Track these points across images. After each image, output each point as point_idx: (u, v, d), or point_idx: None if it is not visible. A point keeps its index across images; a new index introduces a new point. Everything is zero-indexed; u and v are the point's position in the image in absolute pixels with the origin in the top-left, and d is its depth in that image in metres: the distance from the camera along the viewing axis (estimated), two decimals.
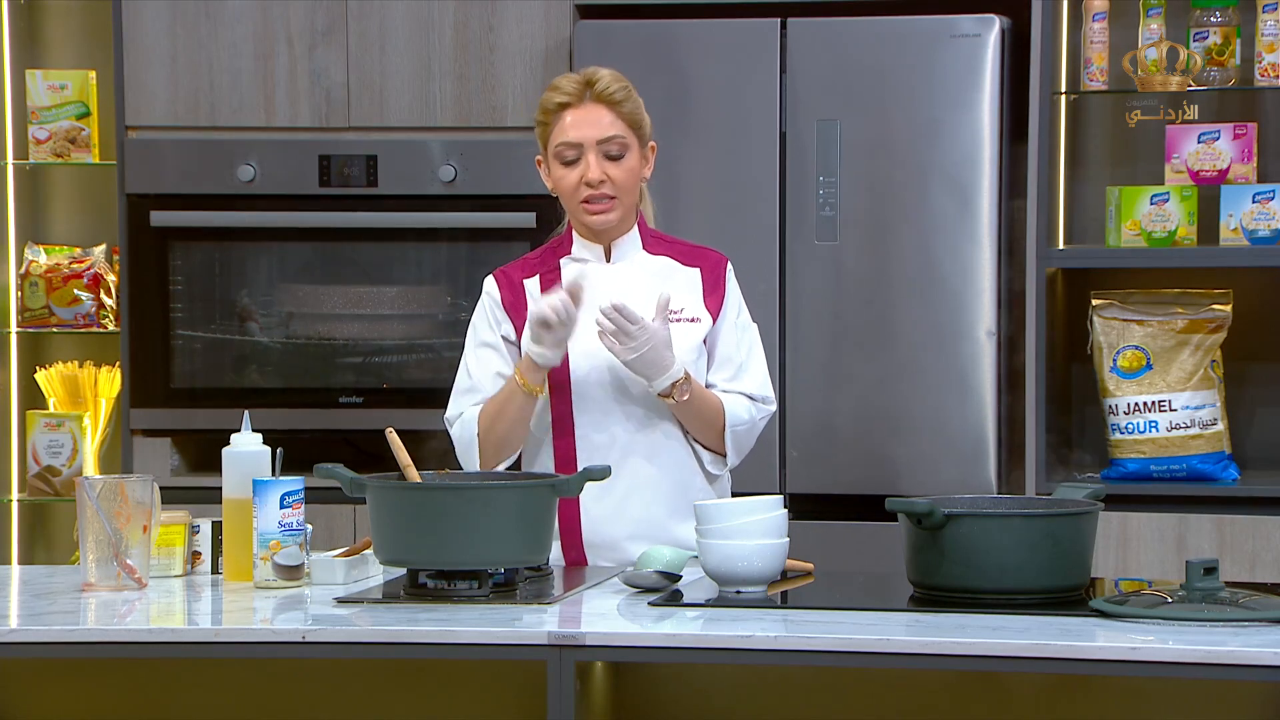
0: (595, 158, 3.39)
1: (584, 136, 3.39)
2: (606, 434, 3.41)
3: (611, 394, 3.41)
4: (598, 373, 3.40)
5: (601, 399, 3.41)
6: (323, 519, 4.18)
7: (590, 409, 3.41)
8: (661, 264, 3.49)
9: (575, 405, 3.40)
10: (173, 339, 4.89)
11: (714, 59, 4.69)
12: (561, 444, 3.41)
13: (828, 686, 3.07)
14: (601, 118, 3.40)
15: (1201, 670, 2.76)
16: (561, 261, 3.47)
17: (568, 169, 3.41)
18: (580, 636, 2.90)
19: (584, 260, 3.46)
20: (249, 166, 4.86)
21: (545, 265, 3.48)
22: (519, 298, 3.45)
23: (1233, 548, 4.52)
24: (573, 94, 3.40)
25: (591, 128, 3.40)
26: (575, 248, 3.48)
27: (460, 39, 4.83)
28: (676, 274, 3.48)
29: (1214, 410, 4.70)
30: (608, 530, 3.41)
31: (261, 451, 3.32)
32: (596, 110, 3.40)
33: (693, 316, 3.46)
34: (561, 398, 3.39)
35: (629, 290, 3.43)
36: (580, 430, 3.39)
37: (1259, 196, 4.63)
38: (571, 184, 3.41)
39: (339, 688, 3.18)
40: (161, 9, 4.87)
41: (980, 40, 4.60)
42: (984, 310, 4.62)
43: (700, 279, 3.49)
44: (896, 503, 3.12)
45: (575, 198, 3.42)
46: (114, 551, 3.24)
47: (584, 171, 3.39)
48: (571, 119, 3.40)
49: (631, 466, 3.40)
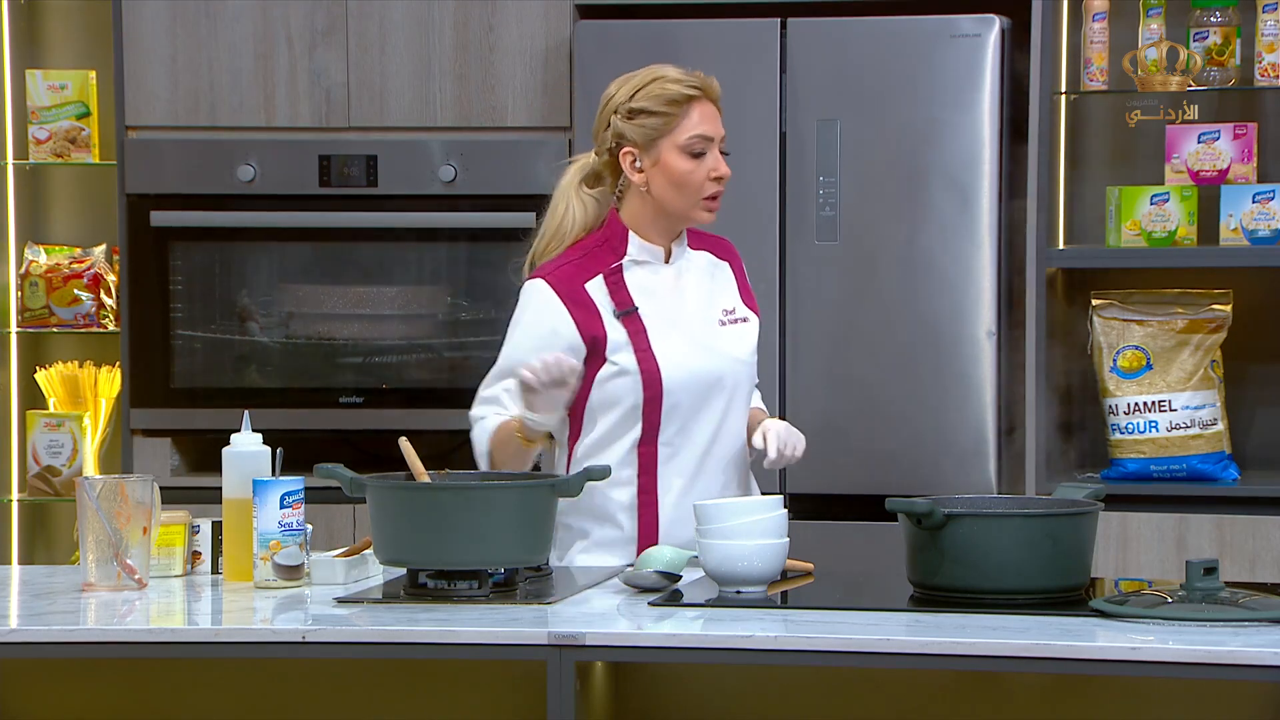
0: (719, 155, 3.40)
1: (715, 132, 3.40)
2: (689, 439, 3.41)
3: (698, 401, 3.41)
4: (685, 380, 3.40)
5: (687, 407, 3.40)
6: (323, 519, 4.18)
7: (675, 417, 3.40)
8: (705, 259, 3.51)
9: (665, 414, 3.39)
10: (173, 339, 4.89)
11: (714, 59, 4.68)
12: (645, 450, 3.40)
13: (828, 686, 3.07)
14: (718, 117, 3.42)
15: (1202, 670, 2.76)
16: (624, 263, 3.42)
17: (696, 162, 3.38)
18: (580, 636, 2.89)
19: (645, 261, 3.44)
20: (249, 166, 4.86)
21: (601, 266, 3.42)
22: (586, 304, 3.40)
23: (1233, 548, 4.52)
24: (697, 88, 3.40)
25: (718, 125, 3.41)
26: (633, 249, 3.43)
27: (460, 39, 4.83)
28: (718, 270, 3.51)
29: (1214, 410, 4.70)
30: (679, 533, 3.41)
31: (261, 451, 3.32)
32: (714, 109, 3.42)
33: (743, 316, 3.49)
34: (653, 407, 3.38)
35: (690, 291, 3.44)
36: (664, 435, 3.40)
37: (1259, 196, 4.63)
38: (700, 178, 3.39)
39: (339, 688, 3.18)
40: (161, 9, 4.87)
41: (980, 40, 4.60)
42: (984, 310, 4.62)
43: (732, 273, 3.52)
44: (896, 503, 3.12)
45: (700, 191, 3.39)
46: (114, 551, 3.24)
47: (714, 166, 3.39)
48: (700, 114, 3.39)
49: (708, 471, 3.42)
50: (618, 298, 3.39)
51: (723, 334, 3.45)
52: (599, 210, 3.46)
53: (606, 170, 3.45)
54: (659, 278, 3.43)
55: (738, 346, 3.45)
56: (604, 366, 3.37)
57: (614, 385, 3.38)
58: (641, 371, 3.37)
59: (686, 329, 3.42)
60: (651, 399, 3.38)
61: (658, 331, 3.39)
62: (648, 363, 3.37)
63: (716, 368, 3.41)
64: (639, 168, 3.39)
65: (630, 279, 3.41)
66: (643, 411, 3.38)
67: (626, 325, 3.38)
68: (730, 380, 3.42)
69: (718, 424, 3.42)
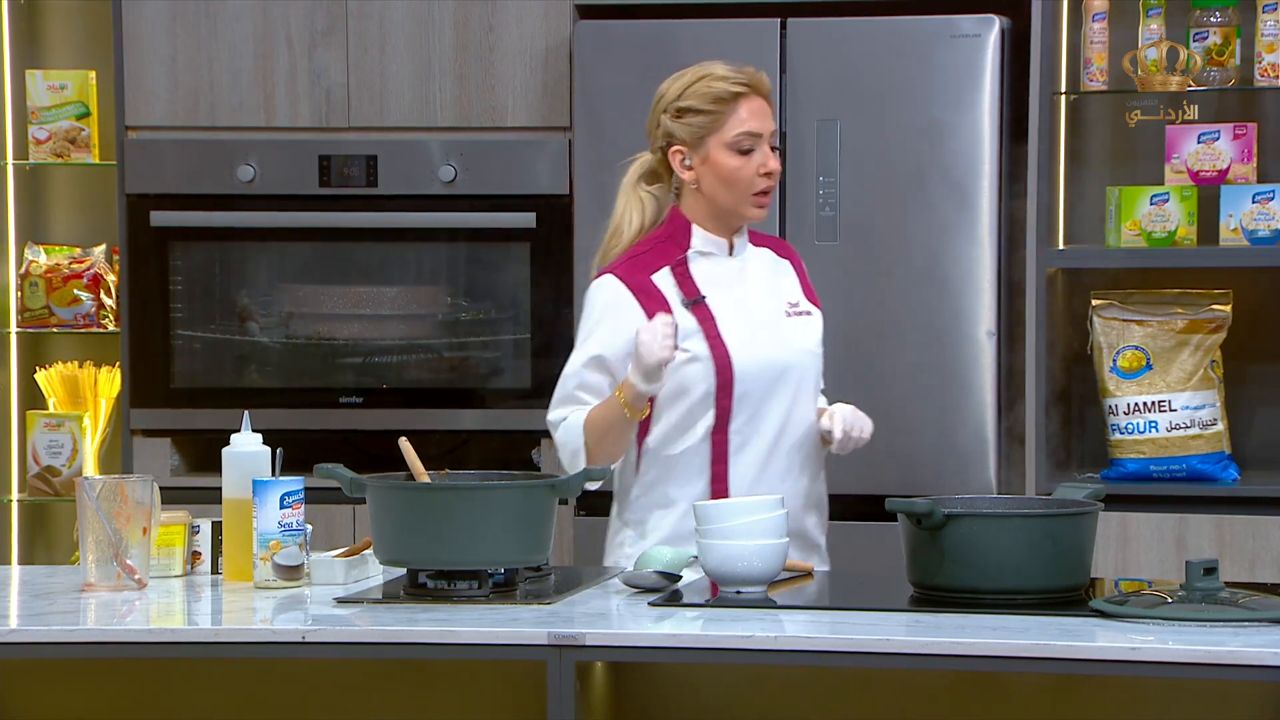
0: (769, 150, 3.40)
1: (763, 128, 3.41)
2: (758, 428, 3.42)
3: (767, 389, 3.42)
4: (758, 369, 3.41)
5: (759, 394, 3.41)
6: (322, 519, 4.18)
7: (745, 405, 3.41)
8: (767, 255, 3.52)
9: (735, 401, 3.40)
10: (173, 339, 4.89)
11: (714, 59, 4.68)
12: (718, 438, 3.41)
13: (828, 687, 3.07)
14: (767, 111, 3.43)
15: (1201, 670, 2.76)
16: (689, 255, 3.44)
17: (744, 159, 3.40)
18: (580, 637, 2.89)
19: (709, 253, 3.45)
20: (249, 166, 4.86)
21: (667, 259, 3.43)
22: (654, 295, 3.41)
23: (1232, 548, 4.52)
24: (744, 85, 3.40)
25: (767, 120, 3.42)
26: (697, 240, 3.44)
27: (460, 39, 4.83)
28: (779, 265, 3.53)
29: (1214, 410, 4.70)
30: None
31: (261, 452, 3.32)
32: (763, 104, 3.43)
33: (807, 310, 3.51)
34: (725, 393, 3.39)
35: (754, 282, 3.46)
36: (734, 424, 3.40)
37: (1259, 197, 4.63)
38: (750, 174, 3.40)
39: (339, 688, 3.17)
40: (161, 9, 4.87)
41: (980, 40, 4.60)
42: (984, 310, 4.62)
43: (793, 270, 3.54)
44: (896, 503, 3.12)
45: (750, 187, 3.40)
46: (114, 552, 3.24)
47: (762, 162, 3.40)
48: (748, 110, 3.40)
49: (777, 460, 3.43)
50: (685, 288, 3.42)
51: (789, 324, 3.47)
52: (657, 207, 3.48)
53: (661, 167, 3.48)
54: (724, 269, 3.45)
55: (804, 337, 3.47)
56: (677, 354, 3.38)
57: (686, 372, 3.39)
58: (714, 357, 3.38)
59: (754, 318, 3.44)
60: (723, 385, 3.39)
61: (726, 320, 3.41)
62: (719, 349, 3.39)
63: (784, 357, 3.43)
64: (688, 166, 3.43)
65: (696, 270, 3.43)
66: (715, 398, 3.39)
67: (696, 314, 3.41)
68: (798, 370, 3.44)
69: (786, 413, 3.43)
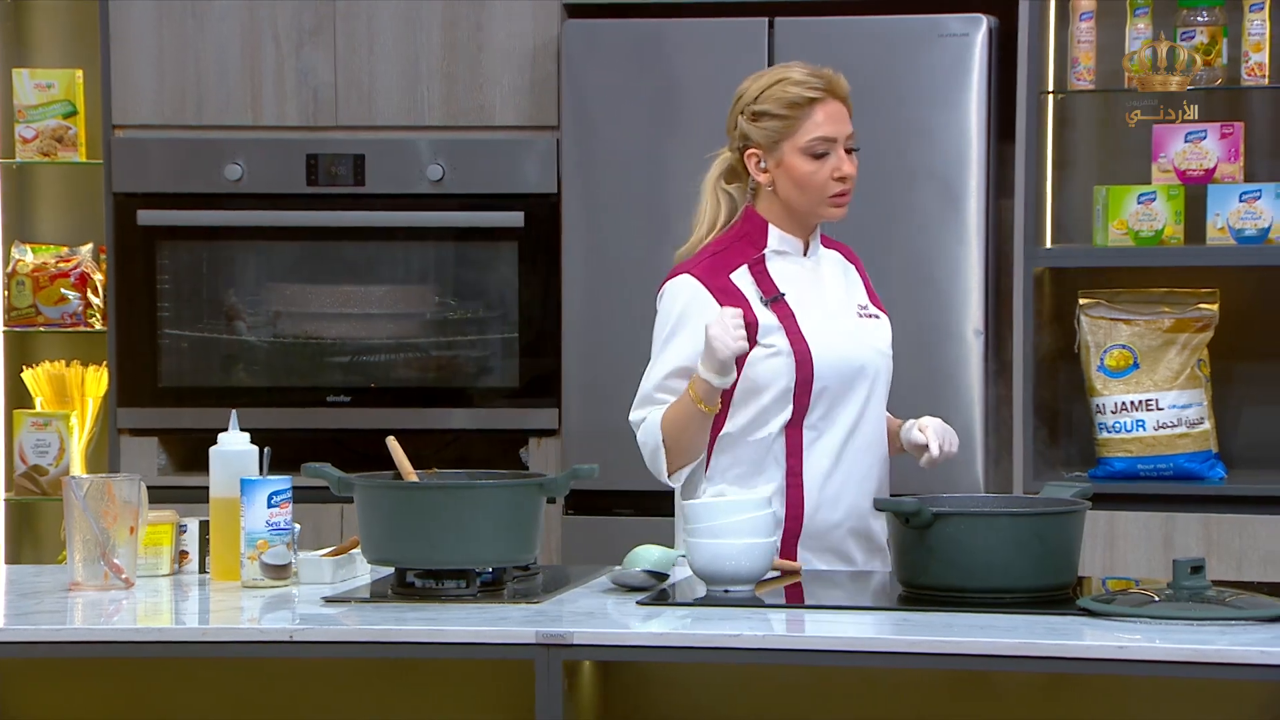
0: (844, 153, 3.41)
1: (838, 132, 3.42)
2: (833, 425, 3.43)
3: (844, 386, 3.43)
4: (834, 364, 3.42)
5: (836, 391, 3.43)
6: (310, 518, 4.18)
7: (821, 401, 3.42)
8: (836, 258, 3.54)
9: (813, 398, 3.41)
10: (160, 338, 4.89)
11: (702, 58, 4.69)
12: (793, 433, 3.42)
13: (816, 686, 3.07)
14: (844, 115, 3.44)
15: (1189, 669, 2.76)
16: (766, 254, 3.45)
17: (818, 163, 3.41)
18: (568, 635, 2.89)
19: (785, 253, 3.46)
20: (236, 165, 4.85)
21: (744, 258, 3.45)
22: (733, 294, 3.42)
23: (1219, 546, 4.53)
24: (820, 89, 3.41)
25: (843, 124, 3.43)
26: (774, 240, 3.46)
27: (448, 38, 4.83)
28: (849, 269, 3.55)
29: (1201, 409, 4.70)
30: (825, 517, 3.43)
31: (249, 451, 3.32)
32: (840, 108, 3.44)
33: (875, 314, 3.52)
34: (804, 389, 3.40)
35: (829, 282, 3.48)
36: (809, 420, 3.41)
37: (1245, 196, 4.64)
38: (823, 178, 3.42)
39: (327, 687, 3.17)
40: (148, 8, 4.87)
41: (968, 40, 4.60)
42: (972, 309, 4.62)
43: (859, 276, 3.56)
44: (884, 502, 3.12)
45: (825, 191, 3.43)
46: (101, 551, 3.23)
47: (836, 166, 3.41)
48: (824, 114, 3.42)
49: (849, 457, 3.44)
50: (764, 285, 3.43)
51: (864, 325, 3.49)
52: (732, 205, 3.50)
53: (739, 166, 3.49)
54: (800, 268, 3.47)
55: (877, 338, 3.50)
56: (755, 350, 3.39)
57: (767, 367, 3.40)
58: (794, 353, 3.39)
59: (831, 316, 3.46)
60: (803, 380, 3.40)
61: (805, 317, 3.43)
62: (799, 345, 3.40)
63: (860, 355, 3.45)
64: (764, 168, 3.44)
65: (773, 269, 3.45)
66: (794, 394, 3.40)
67: (775, 311, 3.42)
68: (872, 369, 3.46)
69: (860, 411, 3.44)
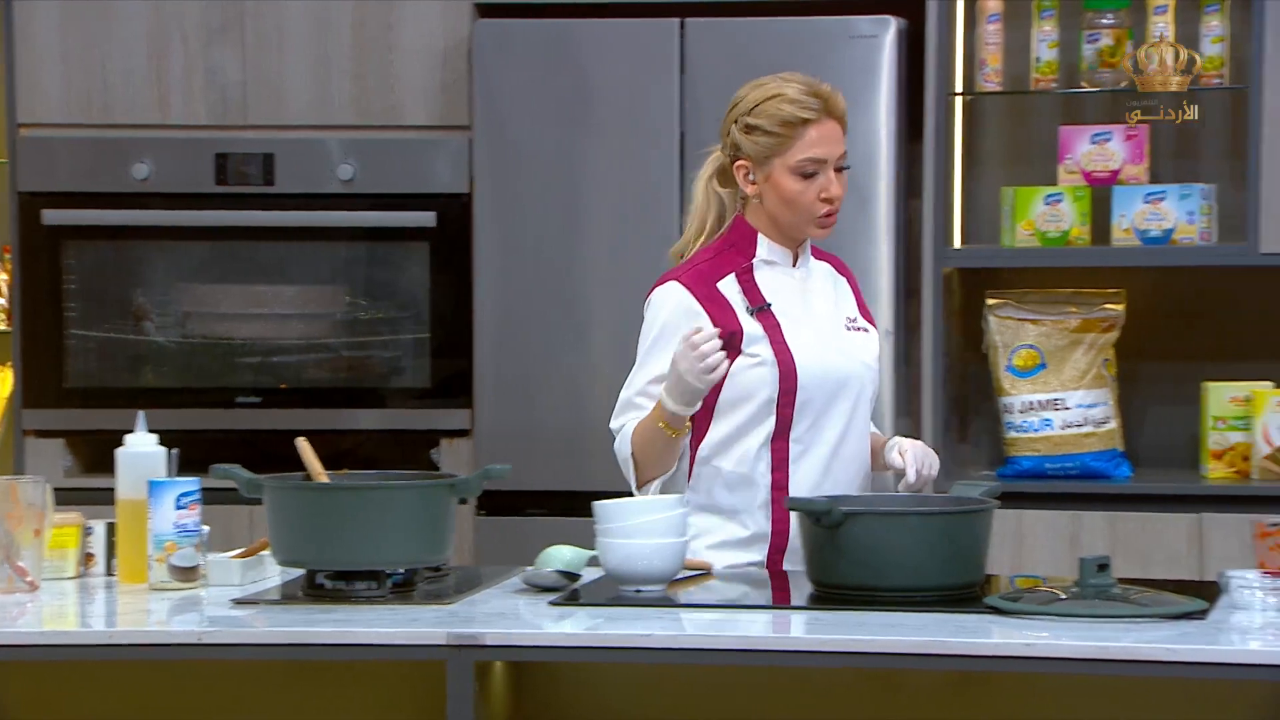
0: (834, 173, 3.41)
1: (829, 153, 3.40)
2: (819, 437, 3.42)
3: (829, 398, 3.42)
4: (821, 376, 3.41)
5: (821, 403, 3.42)
6: (219, 520, 4.14)
7: (806, 414, 3.41)
8: (826, 270, 3.54)
9: (797, 410, 3.40)
10: (66, 338, 4.84)
11: (614, 59, 4.69)
12: (778, 446, 3.41)
13: (728, 685, 3.08)
14: (838, 134, 3.42)
15: (1094, 666, 2.79)
16: (754, 263, 3.44)
17: (807, 183, 3.40)
18: (479, 636, 2.89)
19: (773, 262, 3.45)
20: (143, 165, 4.82)
21: (732, 266, 3.44)
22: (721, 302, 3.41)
23: (1125, 544, 4.57)
24: (816, 110, 3.40)
25: (835, 145, 3.41)
26: (762, 249, 3.45)
27: (358, 38, 4.81)
28: (839, 281, 3.55)
29: (1106, 409, 4.75)
30: None
31: (156, 452, 3.29)
32: (834, 127, 3.42)
33: (864, 327, 3.52)
34: (787, 400, 3.39)
35: (817, 294, 3.47)
36: (795, 432, 3.41)
37: (1150, 197, 4.69)
38: (810, 199, 3.40)
39: (236, 689, 3.15)
40: (52, 7, 4.82)
41: (877, 41, 4.63)
42: (882, 309, 4.65)
43: (850, 288, 3.55)
44: (795, 501, 3.14)
45: (812, 212, 3.41)
46: (5, 554, 3.20)
47: (824, 186, 3.40)
48: (816, 135, 3.40)
49: (836, 470, 3.44)
50: (750, 295, 3.42)
51: (850, 338, 3.48)
52: (721, 207, 3.49)
53: (730, 171, 3.49)
54: (789, 278, 3.47)
55: (864, 351, 3.49)
56: (739, 359, 3.39)
57: (750, 377, 3.39)
58: (779, 363, 3.39)
59: (817, 328, 3.45)
60: (786, 391, 3.40)
61: (790, 328, 3.42)
62: (783, 355, 3.40)
63: (846, 368, 3.44)
64: (752, 180, 3.44)
65: (760, 278, 3.44)
66: (777, 405, 3.40)
67: (761, 320, 3.41)
68: (857, 382, 3.45)
69: (845, 424, 3.44)
